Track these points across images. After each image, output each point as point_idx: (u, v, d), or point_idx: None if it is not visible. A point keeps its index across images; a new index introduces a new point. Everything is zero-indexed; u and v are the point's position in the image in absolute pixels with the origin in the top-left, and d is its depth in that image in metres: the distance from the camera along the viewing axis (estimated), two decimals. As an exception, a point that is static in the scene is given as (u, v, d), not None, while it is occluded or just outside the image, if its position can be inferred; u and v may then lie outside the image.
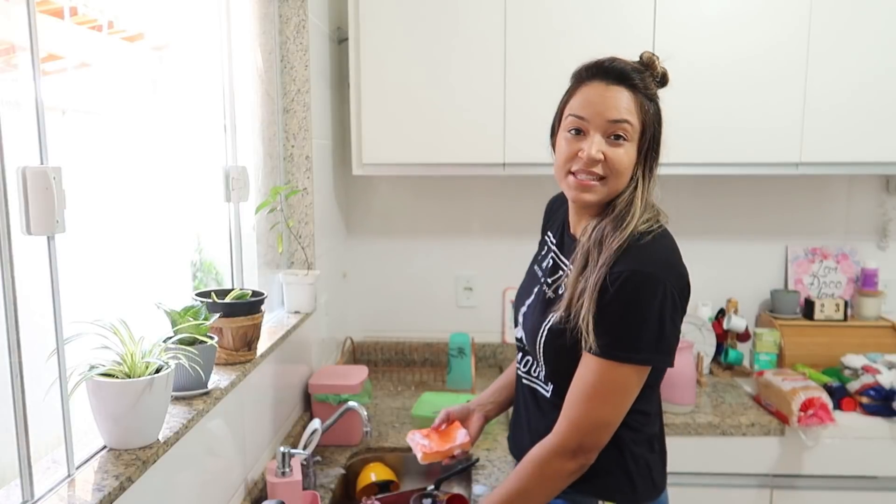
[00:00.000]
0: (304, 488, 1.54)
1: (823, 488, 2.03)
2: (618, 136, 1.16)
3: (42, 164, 0.93)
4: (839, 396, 2.07)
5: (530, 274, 1.38)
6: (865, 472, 2.03)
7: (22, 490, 0.89)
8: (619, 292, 1.11)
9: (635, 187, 1.18)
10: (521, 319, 1.35)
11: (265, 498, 1.48)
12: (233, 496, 1.42)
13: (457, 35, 2.09)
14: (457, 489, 1.77)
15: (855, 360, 2.14)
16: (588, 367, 1.16)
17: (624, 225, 1.15)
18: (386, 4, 2.08)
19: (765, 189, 2.47)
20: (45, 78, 0.96)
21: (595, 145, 1.16)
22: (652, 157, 1.19)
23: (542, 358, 1.25)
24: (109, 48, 1.32)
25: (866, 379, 2.05)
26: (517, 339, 1.37)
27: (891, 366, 2.07)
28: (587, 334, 1.13)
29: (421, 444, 1.45)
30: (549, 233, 1.39)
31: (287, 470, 1.48)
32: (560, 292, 1.23)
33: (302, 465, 1.55)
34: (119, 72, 1.36)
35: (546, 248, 1.38)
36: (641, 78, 1.18)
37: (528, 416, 1.33)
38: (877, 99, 2.08)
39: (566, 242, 1.31)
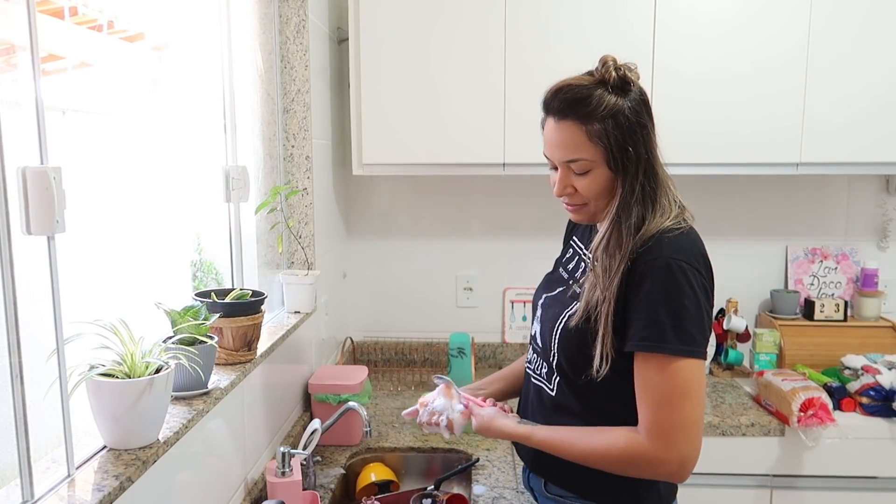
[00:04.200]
0: (304, 488, 1.54)
1: (823, 488, 2.03)
2: (579, 171, 1.17)
3: (42, 164, 0.93)
4: (839, 396, 2.07)
5: (555, 276, 1.37)
6: (865, 472, 2.03)
7: (22, 490, 0.89)
8: (656, 279, 1.10)
9: (621, 197, 1.16)
10: (539, 312, 1.33)
11: (265, 498, 1.48)
12: (233, 496, 1.42)
13: (457, 35, 2.09)
14: (457, 489, 1.77)
15: (855, 361, 2.14)
16: (650, 368, 1.11)
17: (626, 230, 1.14)
18: (386, 4, 2.08)
19: (765, 189, 2.47)
20: (45, 78, 0.96)
21: (559, 183, 1.20)
22: (636, 164, 1.15)
23: (555, 347, 1.23)
24: (109, 48, 1.32)
25: (866, 379, 2.05)
26: (531, 336, 1.36)
27: (891, 366, 2.07)
28: (609, 325, 1.11)
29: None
30: (574, 237, 1.39)
31: (287, 470, 1.48)
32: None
33: (302, 465, 1.55)
34: (119, 72, 1.36)
35: (572, 250, 1.37)
36: (589, 101, 1.13)
37: (534, 416, 1.33)
38: (876, 99, 2.08)
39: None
